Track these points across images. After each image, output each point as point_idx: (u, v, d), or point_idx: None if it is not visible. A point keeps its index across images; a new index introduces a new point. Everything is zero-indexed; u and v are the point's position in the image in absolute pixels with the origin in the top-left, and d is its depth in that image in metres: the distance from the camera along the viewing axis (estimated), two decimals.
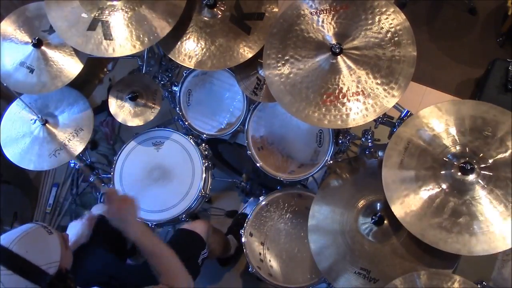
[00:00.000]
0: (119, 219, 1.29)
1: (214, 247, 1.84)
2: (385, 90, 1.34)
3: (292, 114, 1.41)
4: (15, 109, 1.85)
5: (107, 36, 1.52)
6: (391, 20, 1.38)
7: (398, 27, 1.37)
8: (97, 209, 1.84)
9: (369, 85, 1.35)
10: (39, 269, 0.98)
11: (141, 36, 1.52)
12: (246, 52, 1.58)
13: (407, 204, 1.27)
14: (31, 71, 1.69)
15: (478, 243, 1.18)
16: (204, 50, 1.61)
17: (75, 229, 1.52)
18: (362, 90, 1.35)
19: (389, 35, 1.37)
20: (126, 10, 1.54)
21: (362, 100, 1.35)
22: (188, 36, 1.64)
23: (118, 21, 1.53)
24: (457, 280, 1.19)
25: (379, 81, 1.35)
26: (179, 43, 1.64)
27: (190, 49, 1.62)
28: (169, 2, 1.55)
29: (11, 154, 1.78)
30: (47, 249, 1.03)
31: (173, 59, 1.64)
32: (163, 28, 1.52)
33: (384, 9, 1.39)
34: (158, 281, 1.25)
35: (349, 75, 1.38)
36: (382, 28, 1.38)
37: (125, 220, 1.28)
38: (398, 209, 1.28)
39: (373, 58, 1.37)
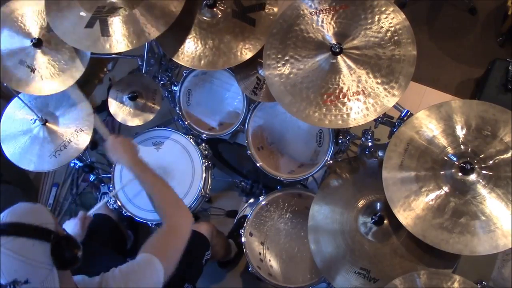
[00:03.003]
0: (119, 153, 1.40)
1: (217, 249, 1.84)
2: (385, 89, 1.34)
3: (292, 114, 1.41)
4: (15, 108, 1.85)
5: (105, 33, 1.52)
6: (390, 19, 1.38)
7: (397, 26, 1.37)
8: (95, 210, 1.84)
9: (370, 85, 1.35)
10: (38, 226, 0.98)
11: (138, 33, 1.52)
12: (257, 46, 1.59)
13: (408, 205, 1.27)
14: (32, 70, 1.68)
15: (480, 243, 1.18)
16: (214, 49, 1.61)
17: (69, 228, 1.51)
18: (362, 90, 1.35)
19: (388, 34, 1.37)
20: (124, 8, 1.55)
21: (362, 99, 1.35)
22: (191, 38, 1.64)
23: (116, 19, 1.53)
24: (457, 280, 1.19)
25: (379, 80, 1.35)
26: (184, 46, 1.64)
27: (198, 50, 1.62)
28: (166, 1, 1.55)
29: (10, 153, 1.78)
30: (39, 213, 1.02)
31: (181, 63, 1.64)
32: (159, 26, 1.52)
33: (383, 9, 1.39)
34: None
35: (350, 75, 1.38)
36: (382, 27, 1.38)
37: (123, 154, 1.40)
38: (400, 211, 1.28)
39: (373, 57, 1.37)
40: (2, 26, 1.70)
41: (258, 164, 1.78)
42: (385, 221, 1.40)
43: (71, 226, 1.51)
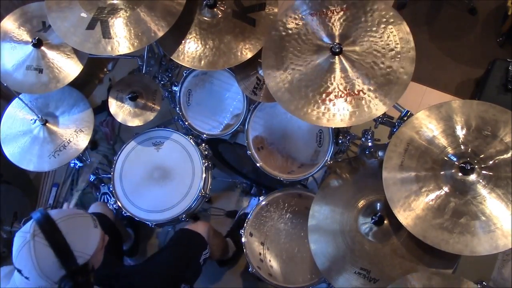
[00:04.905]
0: None
1: (214, 249, 1.84)
2: (376, 97, 1.34)
3: (290, 112, 1.41)
4: (15, 109, 1.85)
5: (106, 34, 1.52)
6: (396, 32, 1.39)
7: (401, 44, 1.37)
8: (94, 208, 1.84)
9: (369, 85, 1.35)
10: (71, 253, 1.02)
11: (139, 34, 1.52)
12: (257, 46, 1.60)
13: (409, 205, 1.27)
14: (32, 70, 1.69)
15: (480, 243, 1.18)
16: (214, 49, 1.61)
17: None
18: (362, 90, 1.36)
19: (389, 42, 1.38)
20: (125, 9, 1.55)
21: (362, 99, 1.35)
22: (192, 38, 1.64)
23: (117, 20, 1.53)
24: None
25: (379, 80, 1.35)
26: (185, 46, 1.64)
27: (199, 51, 1.62)
28: (167, 2, 1.56)
29: (10, 153, 1.78)
30: (86, 240, 1.07)
31: (181, 63, 1.64)
32: (161, 27, 1.52)
33: (388, 24, 1.40)
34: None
35: (349, 75, 1.38)
36: (383, 32, 1.38)
37: None
38: (400, 211, 1.28)
39: (370, 62, 1.37)
40: (2, 40, 1.73)
41: (258, 164, 1.78)
42: (385, 221, 1.40)
43: None
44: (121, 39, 1.51)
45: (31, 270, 1.00)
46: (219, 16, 1.64)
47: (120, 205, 1.79)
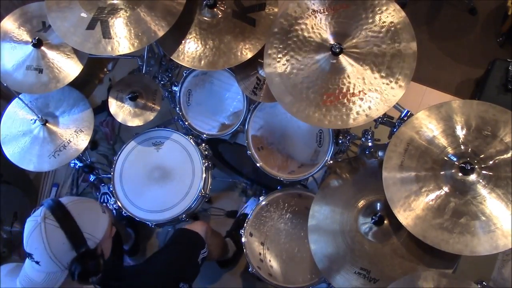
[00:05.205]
0: None
1: (212, 249, 1.84)
2: (385, 89, 1.34)
3: (292, 114, 1.41)
4: (15, 109, 1.85)
5: (106, 35, 1.52)
6: (391, 17, 1.38)
7: (398, 26, 1.37)
8: None
9: (369, 85, 1.35)
10: (82, 234, 1.04)
11: (140, 34, 1.52)
12: (257, 46, 1.59)
13: (408, 205, 1.27)
14: (32, 70, 1.69)
15: (480, 243, 1.18)
16: (214, 49, 1.61)
17: None
18: (362, 90, 1.35)
19: (389, 34, 1.37)
20: (125, 9, 1.55)
21: (362, 100, 1.35)
22: (192, 38, 1.64)
23: (117, 20, 1.53)
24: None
25: (379, 81, 1.34)
26: (185, 46, 1.64)
27: (199, 51, 1.62)
28: (168, 2, 1.56)
29: (10, 153, 1.78)
30: (96, 223, 1.09)
31: (181, 63, 1.64)
32: (161, 27, 1.52)
33: (384, 8, 1.39)
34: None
35: (350, 75, 1.38)
36: (382, 27, 1.38)
37: None
38: (400, 211, 1.27)
39: (373, 57, 1.37)
40: (2, 40, 1.73)
41: (258, 164, 1.78)
42: (385, 221, 1.40)
43: None
44: (121, 39, 1.51)
45: (42, 253, 1.01)
46: (219, 16, 1.64)
47: (120, 205, 1.79)
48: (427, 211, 1.25)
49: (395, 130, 1.54)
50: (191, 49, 1.63)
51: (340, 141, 1.74)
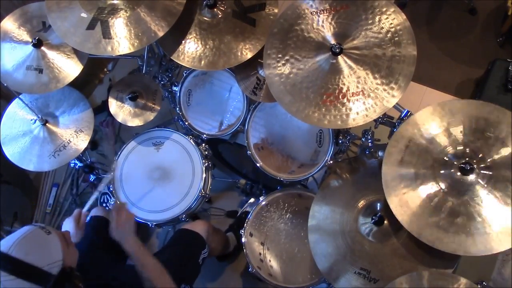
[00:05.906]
0: (122, 232, 1.40)
1: (214, 247, 1.84)
2: (385, 90, 1.34)
3: (292, 114, 1.41)
4: (15, 109, 1.85)
5: (106, 35, 1.52)
6: (391, 20, 1.38)
7: (398, 27, 1.37)
8: (95, 212, 1.84)
9: (369, 85, 1.35)
10: (41, 270, 0.99)
11: (140, 35, 1.52)
12: (257, 46, 1.60)
13: (405, 201, 1.27)
14: (32, 70, 1.69)
15: (474, 243, 1.18)
16: (214, 49, 1.61)
17: (68, 227, 1.51)
18: (362, 90, 1.35)
19: (389, 35, 1.37)
20: (125, 9, 1.55)
21: (362, 100, 1.35)
22: (192, 38, 1.64)
23: (117, 20, 1.54)
24: (463, 283, 1.18)
25: (379, 81, 1.35)
26: (185, 46, 1.64)
27: (199, 51, 1.62)
28: (168, 2, 1.56)
29: (10, 153, 1.78)
30: (47, 250, 1.03)
31: (181, 63, 1.64)
32: (161, 27, 1.52)
33: (384, 9, 1.39)
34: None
35: (349, 75, 1.38)
36: (382, 28, 1.38)
37: (126, 233, 1.41)
38: (396, 206, 1.28)
39: (373, 58, 1.37)
40: (2, 40, 1.73)
41: (258, 164, 1.78)
42: (385, 222, 1.40)
43: (69, 225, 1.51)
44: (121, 39, 1.51)
45: None
46: (219, 16, 1.64)
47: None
48: (424, 209, 1.25)
49: (395, 130, 1.54)
50: (191, 49, 1.63)
51: (340, 141, 1.74)
